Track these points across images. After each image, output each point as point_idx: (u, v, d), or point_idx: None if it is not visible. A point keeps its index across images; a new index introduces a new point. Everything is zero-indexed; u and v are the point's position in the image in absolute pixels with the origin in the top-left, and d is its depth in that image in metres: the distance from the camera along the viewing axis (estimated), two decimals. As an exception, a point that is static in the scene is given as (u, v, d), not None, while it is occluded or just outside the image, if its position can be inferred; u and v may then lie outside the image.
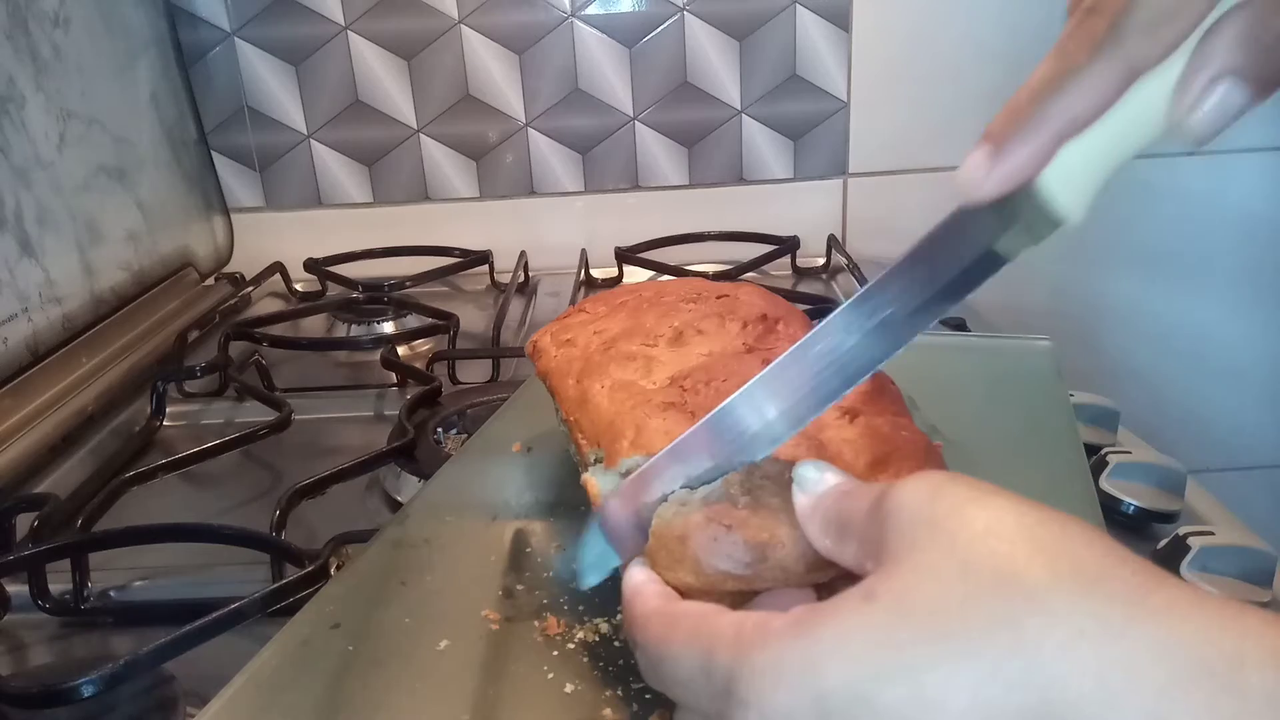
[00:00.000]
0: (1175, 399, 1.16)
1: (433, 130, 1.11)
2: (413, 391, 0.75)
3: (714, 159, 1.14)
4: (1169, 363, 1.18)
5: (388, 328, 0.96)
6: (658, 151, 1.13)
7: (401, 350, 0.91)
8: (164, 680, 0.46)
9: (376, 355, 0.84)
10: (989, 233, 0.31)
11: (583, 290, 1.05)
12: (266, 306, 1.05)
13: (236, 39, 1.07)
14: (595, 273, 1.09)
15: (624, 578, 0.36)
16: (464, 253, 1.10)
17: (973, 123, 1.15)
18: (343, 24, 1.07)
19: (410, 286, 1.02)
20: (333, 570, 0.52)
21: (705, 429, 0.35)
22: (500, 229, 1.14)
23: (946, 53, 1.10)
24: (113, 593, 0.54)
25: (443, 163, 1.13)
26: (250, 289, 1.07)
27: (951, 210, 0.32)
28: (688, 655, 0.29)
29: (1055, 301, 1.17)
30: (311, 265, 1.08)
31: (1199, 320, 1.18)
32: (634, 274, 1.07)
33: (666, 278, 0.88)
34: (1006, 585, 0.25)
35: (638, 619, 0.32)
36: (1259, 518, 0.56)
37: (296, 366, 0.88)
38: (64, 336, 0.80)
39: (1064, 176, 0.30)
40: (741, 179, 1.15)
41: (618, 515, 0.37)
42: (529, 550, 0.48)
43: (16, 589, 0.54)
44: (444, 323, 0.90)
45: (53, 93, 0.83)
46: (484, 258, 1.09)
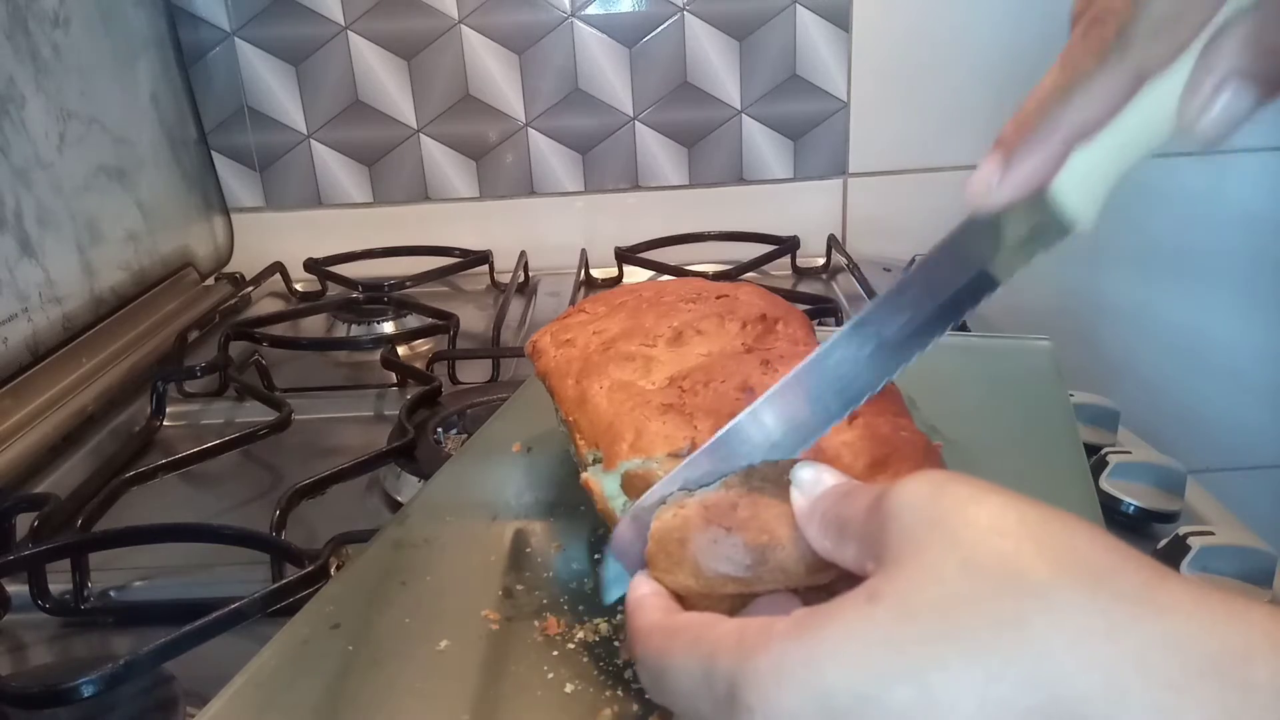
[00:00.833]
0: (1175, 399, 1.16)
1: (433, 130, 1.11)
2: (413, 391, 0.75)
3: (714, 159, 1.14)
4: (1169, 363, 1.18)
5: (388, 328, 0.96)
6: (658, 151, 1.13)
7: (401, 350, 0.91)
8: (164, 680, 0.46)
9: (376, 355, 0.84)
10: (991, 246, 0.31)
11: (583, 290, 1.05)
12: (266, 306, 1.05)
13: (236, 39, 1.07)
14: (595, 273, 1.09)
15: (628, 591, 0.35)
16: (464, 253, 1.10)
17: (973, 123, 1.16)
18: (343, 24, 1.07)
19: (410, 286, 1.02)
20: (333, 570, 0.52)
21: (709, 452, 0.36)
22: (500, 229, 1.14)
23: (946, 53, 1.10)
24: (113, 593, 0.54)
25: (443, 163, 1.13)
26: (250, 289, 1.07)
27: (960, 222, 0.32)
28: (688, 665, 0.29)
29: (1055, 301, 1.17)
30: (311, 265, 1.08)
31: (1199, 320, 1.18)
32: (634, 274, 1.07)
33: (666, 278, 0.88)
34: (1012, 583, 0.25)
35: (639, 633, 0.32)
36: (1259, 518, 0.56)
37: (296, 366, 0.88)
38: (64, 336, 0.80)
39: (1074, 182, 0.30)
40: (741, 179, 1.15)
41: (625, 536, 0.37)
42: (529, 550, 0.48)
43: (16, 589, 0.54)
44: (444, 323, 0.90)
45: (53, 93, 0.83)
46: (484, 258, 1.09)
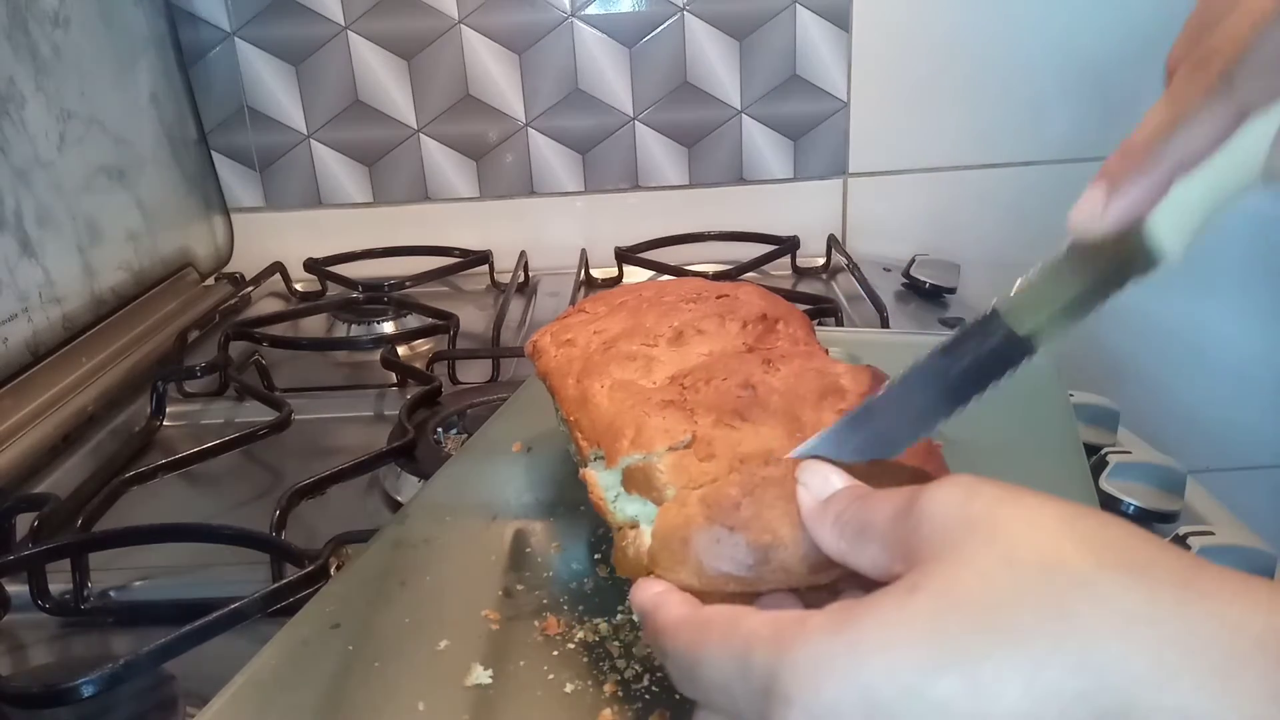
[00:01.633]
0: (1175, 399, 1.16)
1: (433, 130, 1.11)
2: (413, 391, 0.75)
3: (714, 159, 1.14)
4: (1169, 363, 1.18)
5: (388, 328, 0.96)
6: (658, 151, 1.13)
7: (401, 350, 0.91)
8: (164, 680, 0.46)
9: (376, 355, 0.84)
10: (1082, 278, 0.33)
11: (583, 290, 1.05)
12: (266, 306, 1.05)
13: (236, 39, 1.07)
14: (595, 273, 1.09)
15: (635, 591, 0.35)
16: (464, 253, 1.10)
17: (973, 123, 1.15)
18: (343, 24, 1.07)
19: (410, 286, 1.02)
20: (333, 570, 0.52)
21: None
22: (500, 229, 1.14)
23: (946, 53, 1.10)
24: (113, 593, 0.54)
25: (443, 163, 1.13)
26: (250, 289, 1.07)
27: (1052, 256, 0.34)
28: (723, 658, 0.29)
29: (1055, 301, 1.17)
30: (311, 265, 1.08)
31: (1199, 320, 1.17)
32: (634, 274, 1.07)
33: (666, 278, 0.88)
34: (1054, 574, 0.25)
35: (666, 628, 0.32)
36: (1259, 518, 0.56)
37: (296, 366, 0.88)
38: (64, 336, 0.80)
39: (1168, 216, 0.31)
40: (741, 179, 1.15)
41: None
42: (529, 550, 0.48)
43: (16, 589, 0.54)
44: (444, 323, 0.90)
45: (53, 93, 0.83)
46: (484, 258, 1.09)
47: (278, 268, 1.09)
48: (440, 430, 0.69)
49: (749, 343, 0.46)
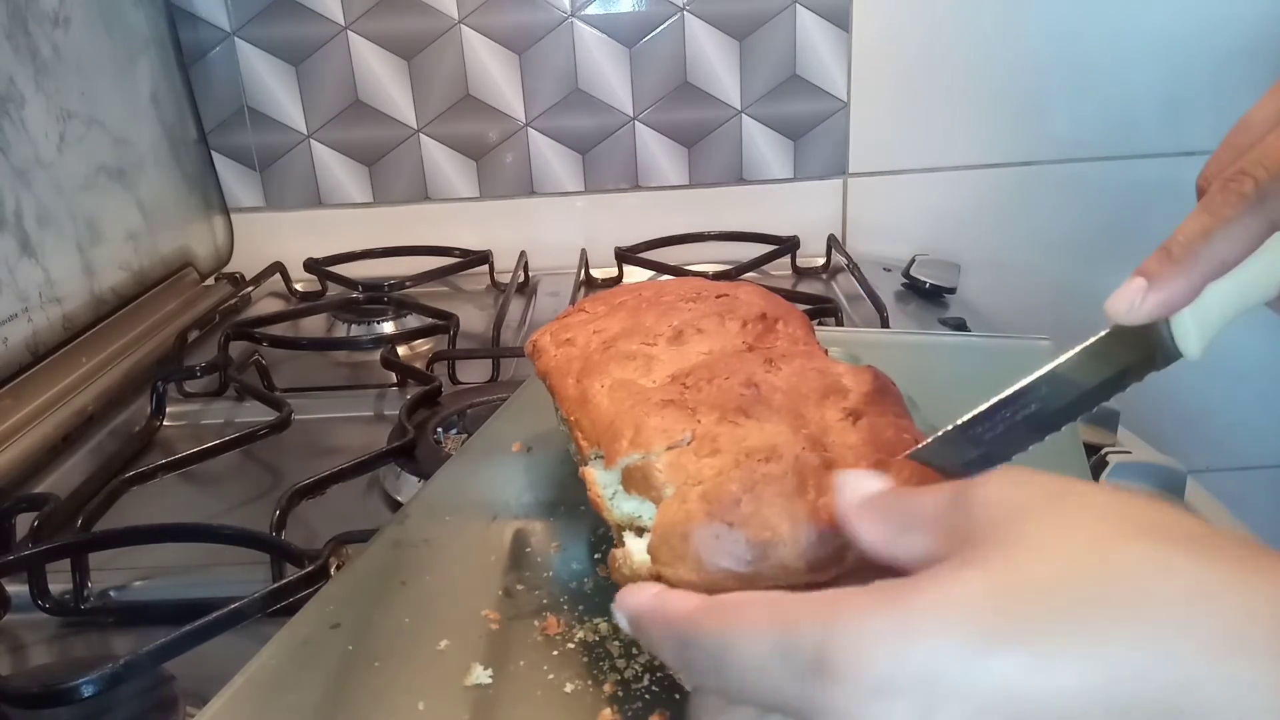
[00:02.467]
0: (1175, 399, 1.16)
1: (433, 130, 1.11)
2: (413, 391, 0.75)
3: (714, 159, 1.14)
4: (1169, 363, 1.18)
5: (388, 328, 0.96)
6: (658, 151, 1.13)
7: (401, 350, 0.91)
8: (164, 680, 0.46)
9: (376, 355, 0.84)
10: (1110, 362, 0.37)
11: (583, 290, 1.05)
12: (266, 306, 1.05)
13: (236, 39, 1.07)
14: (595, 273, 1.09)
15: (626, 595, 0.33)
16: (464, 253, 1.10)
17: (973, 123, 1.15)
18: (343, 24, 1.07)
19: (410, 286, 1.02)
20: (333, 570, 0.52)
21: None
22: (500, 229, 1.14)
23: (946, 53, 1.10)
24: (113, 593, 0.54)
25: (443, 163, 1.13)
26: (250, 289, 1.07)
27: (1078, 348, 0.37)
28: (762, 637, 0.28)
29: (1056, 301, 1.17)
30: (311, 265, 1.08)
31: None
32: (634, 274, 1.07)
33: (666, 277, 0.88)
34: (1111, 552, 0.25)
35: (681, 619, 0.30)
36: (1259, 518, 0.56)
37: (296, 366, 0.88)
38: (64, 336, 0.80)
39: (1193, 318, 0.35)
40: (741, 179, 1.15)
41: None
42: (529, 550, 0.48)
43: (16, 589, 0.54)
44: (444, 323, 0.90)
45: (53, 93, 0.83)
46: (484, 258, 1.09)
47: (278, 268, 1.09)
48: (440, 430, 0.69)
49: (749, 342, 0.47)
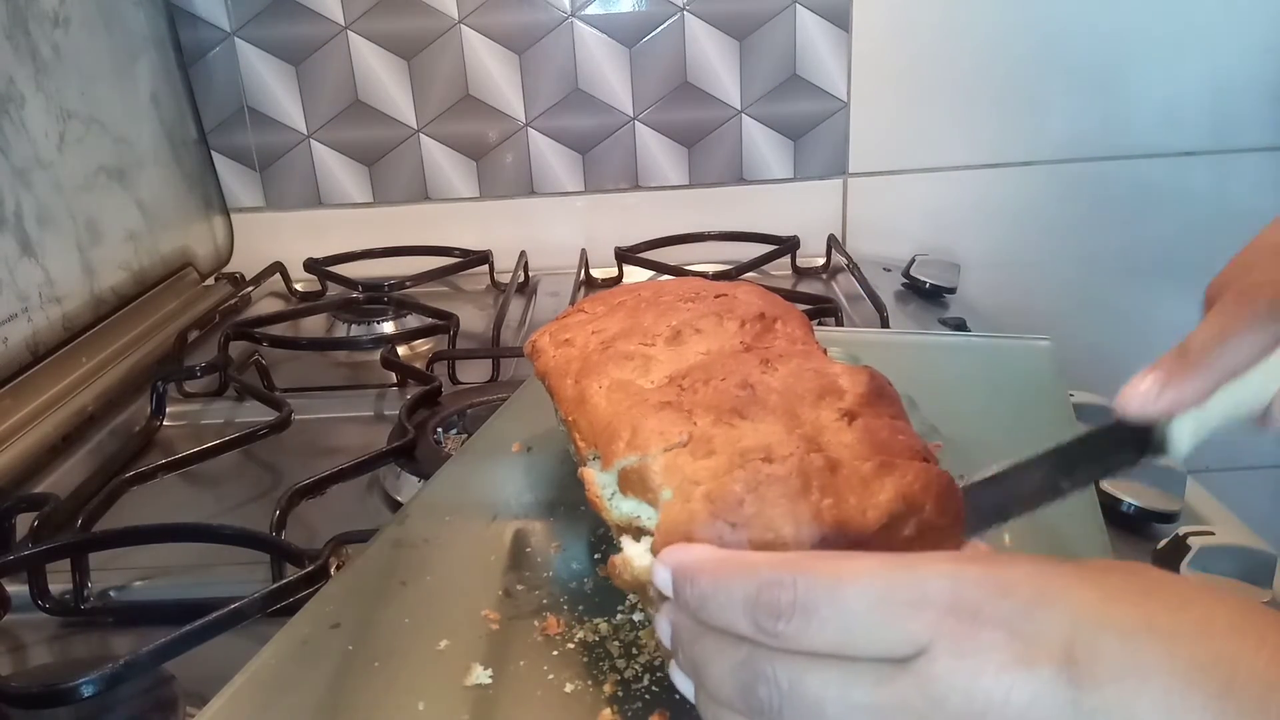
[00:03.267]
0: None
1: (433, 130, 1.11)
2: (413, 391, 0.75)
3: (714, 159, 1.14)
4: (1169, 363, 1.18)
5: (388, 328, 0.96)
6: (658, 151, 1.13)
7: (401, 350, 0.91)
8: (164, 680, 0.46)
9: (376, 355, 0.84)
10: (1107, 448, 0.39)
11: (583, 290, 1.05)
12: (266, 306, 1.05)
13: (236, 39, 1.07)
14: (595, 273, 1.09)
15: (674, 551, 0.32)
16: (464, 253, 1.10)
17: (973, 123, 1.15)
18: (343, 24, 1.07)
19: (410, 286, 1.02)
20: (333, 570, 0.52)
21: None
22: (500, 229, 1.14)
23: (946, 53, 1.10)
24: (113, 593, 0.54)
25: (443, 163, 1.13)
26: (250, 289, 1.07)
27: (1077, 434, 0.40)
28: (871, 582, 0.28)
29: (1055, 301, 1.17)
30: (311, 265, 1.08)
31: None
32: (634, 274, 1.07)
33: (666, 278, 0.88)
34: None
35: (777, 563, 0.29)
36: (1259, 518, 0.56)
37: (296, 366, 0.88)
38: (64, 336, 0.80)
39: (1191, 420, 0.37)
40: (741, 179, 1.15)
41: None
42: (529, 550, 0.48)
43: (16, 589, 0.54)
44: (444, 323, 0.90)
45: (53, 93, 0.83)
46: (484, 258, 1.09)
47: (278, 268, 1.09)
48: (440, 430, 0.69)
49: (746, 342, 0.46)
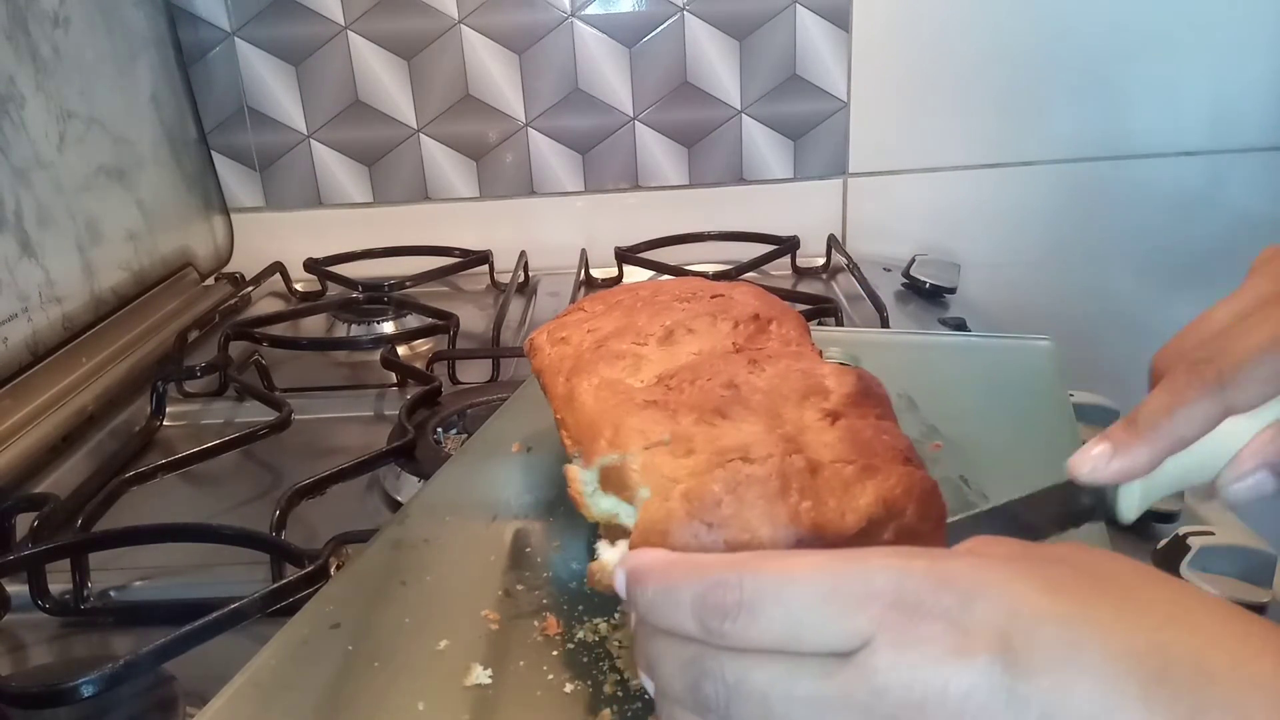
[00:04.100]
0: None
1: (433, 130, 1.11)
2: (413, 391, 0.75)
3: (714, 159, 1.14)
4: (1169, 363, 1.18)
5: (388, 328, 0.96)
6: (658, 151, 1.13)
7: (401, 350, 0.91)
8: (164, 680, 0.46)
9: (376, 355, 0.84)
10: (1055, 511, 0.40)
11: (582, 290, 1.05)
12: (266, 306, 1.05)
13: (236, 39, 1.07)
14: (595, 273, 1.09)
15: (633, 556, 0.31)
16: (464, 253, 1.10)
17: (973, 123, 1.15)
18: (343, 24, 1.07)
19: (410, 286, 1.02)
20: (333, 570, 0.52)
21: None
22: (500, 229, 1.14)
23: (947, 53, 1.10)
24: (113, 593, 0.54)
25: (443, 163, 1.13)
26: (250, 289, 1.07)
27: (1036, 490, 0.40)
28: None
29: (1055, 301, 1.17)
30: (311, 265, 1.08)
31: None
32: (634, 274, 1.07)
33: (666, 277, 0.88)
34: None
35: (720, 564, 0.28)
36: (1259, 518, 0.56)
37: (296, 366, 0.88)
38: (64, 336, 0.80)
39: (1142, 486, 0.38)
40: (741, 179, 1.15)
41: None
42: (529, 550, 0.48)
43: (16, 589, 0.54)
44: (444, 323, 0.90)
45: (53, 93, 0.83)
46: (484, 258, 1.09)
47: (278, 268, 1.09)
48: (440, 430, 0.69)
49: (739, 343, 0.46)
